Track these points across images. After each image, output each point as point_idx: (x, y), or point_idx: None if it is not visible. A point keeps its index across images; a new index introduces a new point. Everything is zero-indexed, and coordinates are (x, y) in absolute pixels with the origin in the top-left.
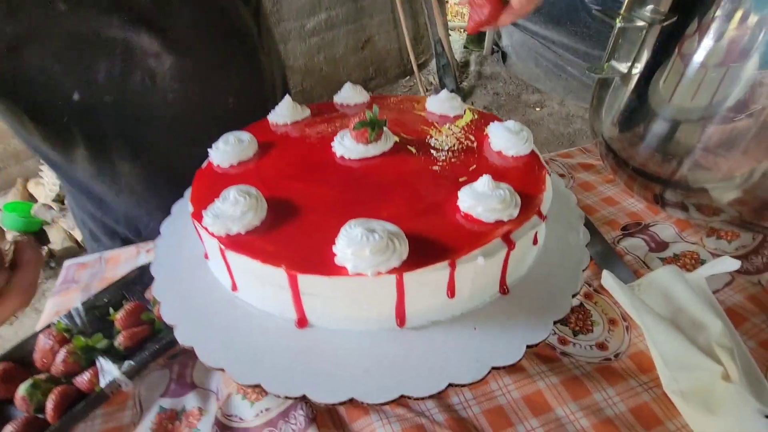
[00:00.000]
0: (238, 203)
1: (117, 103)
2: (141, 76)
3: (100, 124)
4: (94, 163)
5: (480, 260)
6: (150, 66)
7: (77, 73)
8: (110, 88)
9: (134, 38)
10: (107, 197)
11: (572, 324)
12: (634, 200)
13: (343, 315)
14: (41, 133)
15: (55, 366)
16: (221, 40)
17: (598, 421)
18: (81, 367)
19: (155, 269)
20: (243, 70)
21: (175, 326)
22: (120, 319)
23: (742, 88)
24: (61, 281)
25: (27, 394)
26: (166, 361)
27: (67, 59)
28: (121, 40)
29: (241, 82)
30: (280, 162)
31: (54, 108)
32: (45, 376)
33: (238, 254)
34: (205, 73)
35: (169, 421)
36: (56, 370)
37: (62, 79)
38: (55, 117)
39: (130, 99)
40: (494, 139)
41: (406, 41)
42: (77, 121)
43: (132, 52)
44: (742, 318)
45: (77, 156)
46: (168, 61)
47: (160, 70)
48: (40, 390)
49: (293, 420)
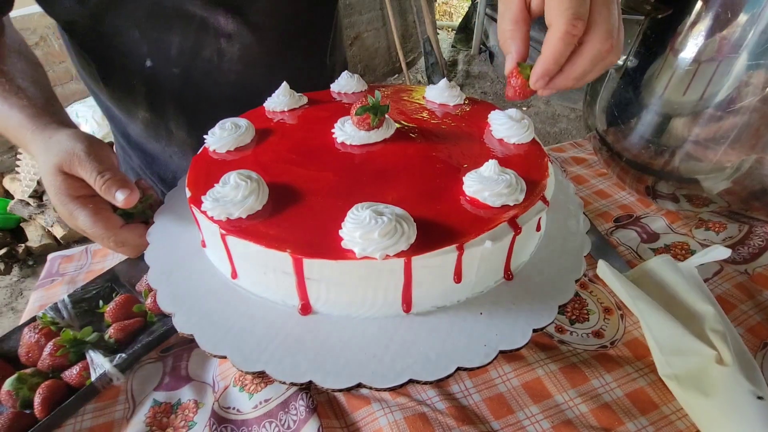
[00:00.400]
0: (239, 187)
1: (183, 76)
2: (210, 54)
3: (165, 93)
4: (152, 125)
5: (488, 244)
6: (220, 46)
7: (152, 41)
8: (180, 61)
9: (210, 17)
10: (160, 156)
11: (569, 313)
12: (625, 193)
13: (348, 301)
14: (109, 91)
15: (41, 360)
16: (293, 31)
17: (596, 406)
18: (69, 361)
19: (149, 257)
20: (308, 63)
21: (173, 314)
22: (110, 311)
23: (732, 83)
24: (45, 274)
25: (13, 389)
26: (159, 355)
27: (145, 27)
28: (199, 17)
29: (303, 74)
30: (279, 148)
31: (126, 71)
32: (31, 370)
33: (239, 239)
34: (270, 60)
35: (164, 415)
36: (43, 365)
37: (138, 45)
38: (125, 79)
39: (195, 74)
40: (496, 126)
41: (395, 39)
42: (145, 87)
43: (206, 29)
44: (731, 305)
45: (138, 116)
46: (237, 44)
47: (229, 51)
48: (26, 385)
49: (293, 410)
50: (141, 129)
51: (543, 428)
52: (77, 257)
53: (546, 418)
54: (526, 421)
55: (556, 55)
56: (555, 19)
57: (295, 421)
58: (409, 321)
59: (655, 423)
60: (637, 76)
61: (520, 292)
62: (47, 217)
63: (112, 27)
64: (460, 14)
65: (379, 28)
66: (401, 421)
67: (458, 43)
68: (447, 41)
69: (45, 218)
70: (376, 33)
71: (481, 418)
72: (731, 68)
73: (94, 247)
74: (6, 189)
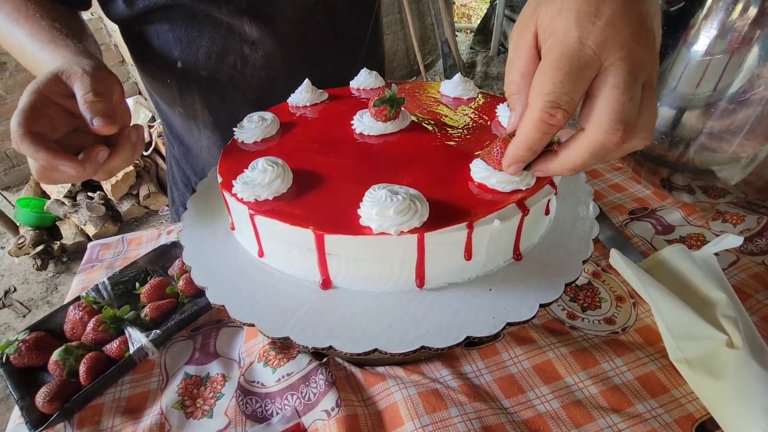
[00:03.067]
0: (267, 171)
1: (210, 79)
2: (234, 59)
3: (193, 93)
4: (186, 121)
5: (496, 223)
6: (244, 52)
7: (183, 44)
8: (207, 64)
9: (236, 24)
10: (194, 149)
11: (581, 301)
12: (641, 186)
13: (365, 276)
14: (153, 85)
15: (85, 335)
16: (321, 40)
17: (606, 388)
18: (110, 335)
19: (184, 239)
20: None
21: (207, 288)
22: (146, 292)
23: (745, 75)
24: (86, 260)
25: (60, 359)
26: (189, 333)
27: (177, 30)
28: (226, 24)
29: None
30: (302, 139)
31: (162, 68)
32: (76, 343)
33: (266, 218)
34: (294, 68)
35: (194, 387)
36: (86, 339)
37: (171, 46)
38: (162, 76)
39: (221, 77)
40: (504, 117)
41: (413, 42)
42: (177, 85)
43: (232, 36)
44: (746, 295)
45: (176, 110)
46: (261, 51)
47: (252, 58)
48: (72, 356)
49: (313, 384)
50: (180, 122)
51: (553, 408)
52: (114, 245)
53: (556, 398)
54: (536, 401)
55: (529, 141)
56: (532, 100)
57: (315, 393)
58: (422, 295)
59: (665, 405)
60: None
61: (528, 271)
62: (81, 216)
63: (153, 29)
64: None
65: (398, 31)
66: (415, 396)
67: (477, 45)
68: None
69: (78, 217)
70: (394, 36)
71: (492, 396)
72: (744, 60)
73: (129, 236)
74: (42, 189)
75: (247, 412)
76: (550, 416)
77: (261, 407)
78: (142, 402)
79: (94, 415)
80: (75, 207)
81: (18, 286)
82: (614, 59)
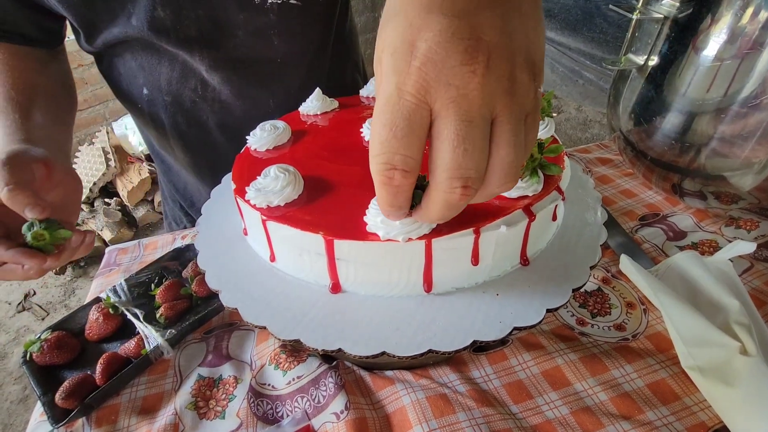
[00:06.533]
0: (278, 178)
1: (174, 104)
2: (194, 84)
3: (161, 118)
4: (160, 142)
5: (503, 229)
6: (203, 77)
7: (146, 72)
8: (169, 90)
9: (189, 52)
10: (173, 167)
11: (590, 307)
12: (652, 192)
13: (374, 280)
14: (128, 108)
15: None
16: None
17: (616, 395)
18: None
19: (199, 243)
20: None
21: (220, 291)
22: (161, 293)
23: (756, 79)
24: (104, 264)
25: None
26: (202, 336)
27: (139, 59)
28: (181, 53)
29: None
30: (313, 146)
31: (132, 94)
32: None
33: (278, 224)
34: (253, 92)
35: (207, 388)
36: (99, 333)
37: (136, 74)
38: (133, 100)
39: (183, 102)
40: None
41: None
42: (147, 110)
43: (189, 62)
44: (760, 302)
45: (151, 132)
46: (217, 77)
47: (211, 82)
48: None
49: (323, 387)
50: (156, 143)
51: (562, 414)
52: (131, 250)
53: (565, 404)
54: (545, 407)
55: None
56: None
57: (325, 396)
58: (430, 300)
59: (676, 413)
60: (659, 75)
61: (535, 276)
62: (97, 222)
63: (118, 59)
64: None
65: None
66: (423, 400)
67: None
68: None
69: (95, 222)
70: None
71: (500, 401)
72: (754, 65)
73: (146, 240)
74: None
75: (259, 414)
76: (558, 422)
77: (272, 409)
78: (157, 402)
79: (111, 415)
80: (92, 213)
81: (37, 289)
82: (443, 102)
